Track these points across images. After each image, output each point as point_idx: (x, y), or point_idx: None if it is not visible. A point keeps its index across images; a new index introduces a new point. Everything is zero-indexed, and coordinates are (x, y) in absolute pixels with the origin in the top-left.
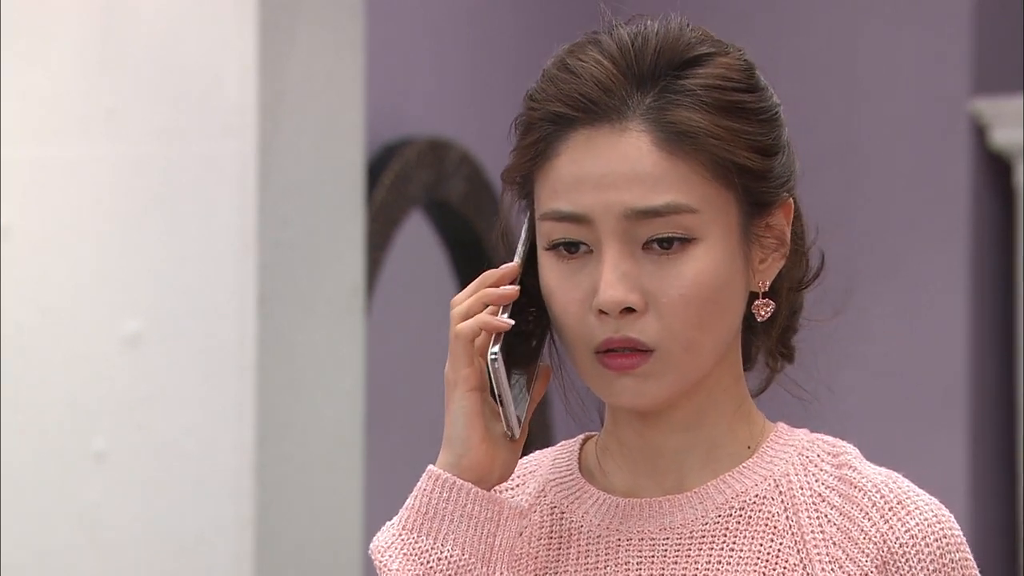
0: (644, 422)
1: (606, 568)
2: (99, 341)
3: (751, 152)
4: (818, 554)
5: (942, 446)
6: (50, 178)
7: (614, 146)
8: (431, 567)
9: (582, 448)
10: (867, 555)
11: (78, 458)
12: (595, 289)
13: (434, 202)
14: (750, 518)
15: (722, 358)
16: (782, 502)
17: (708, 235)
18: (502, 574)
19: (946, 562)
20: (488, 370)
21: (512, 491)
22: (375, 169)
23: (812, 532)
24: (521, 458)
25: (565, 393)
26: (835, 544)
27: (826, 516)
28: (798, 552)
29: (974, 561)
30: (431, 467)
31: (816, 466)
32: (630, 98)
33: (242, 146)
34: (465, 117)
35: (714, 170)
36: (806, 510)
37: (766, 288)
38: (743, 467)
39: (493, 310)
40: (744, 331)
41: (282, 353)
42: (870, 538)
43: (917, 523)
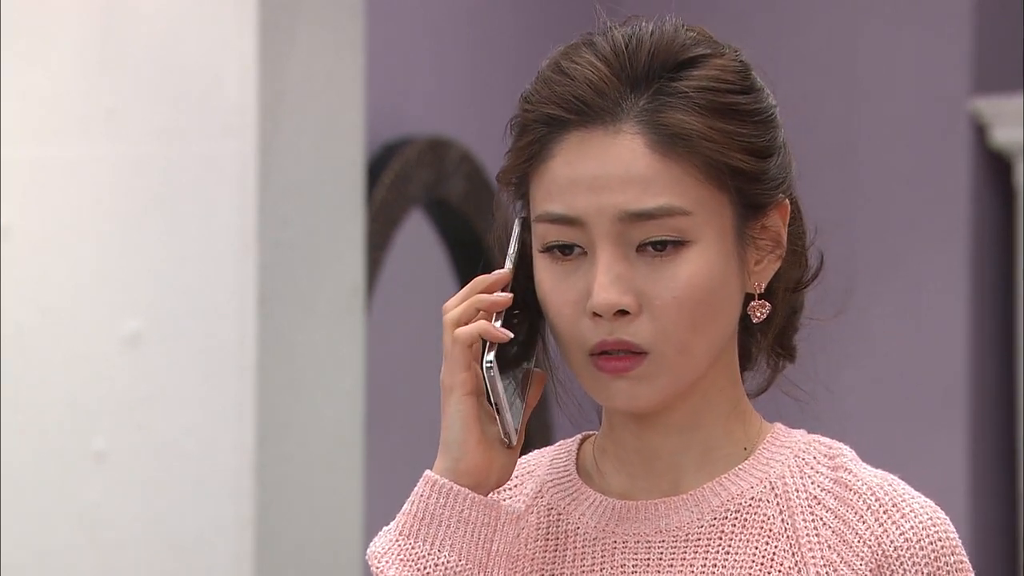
0: (640, 424)
1: (602, 571)
2: (99, 341)
3: (745, 154)
4: (813, 557)
5: (942, 446)
6: (50, 178)
7: (607, 148)
8: (428, 573)
9: (580, 448)
10: (862, 558)
11: (78, 458)
12: (589, 291)
13: (434, 201)
14: (746, 521)
15: (717, 360)
16: (777, 504)
17: (702, 237)
18: None
19: (941, 565)
20: (484, 379)
21: (510, 491)
22: (375, 169)
23: (807, 535)
24: (520, 457)
25: (558, 399)
26: (830, 547)
27: (821, 519)
28: (793, 555)
29: (970, 564)
30: (428, 472)
31: (812, 468)
32: (624, 100)
33: (242, 146)
34: (465, 116)
35: (707, 172)
36: (801, 513)
37: (761, 290)
38: (739, 469)
39: (486, 316)
40: (742, 332)
41: (282, 353)
42: (864, 541)
43: (912, 526)
